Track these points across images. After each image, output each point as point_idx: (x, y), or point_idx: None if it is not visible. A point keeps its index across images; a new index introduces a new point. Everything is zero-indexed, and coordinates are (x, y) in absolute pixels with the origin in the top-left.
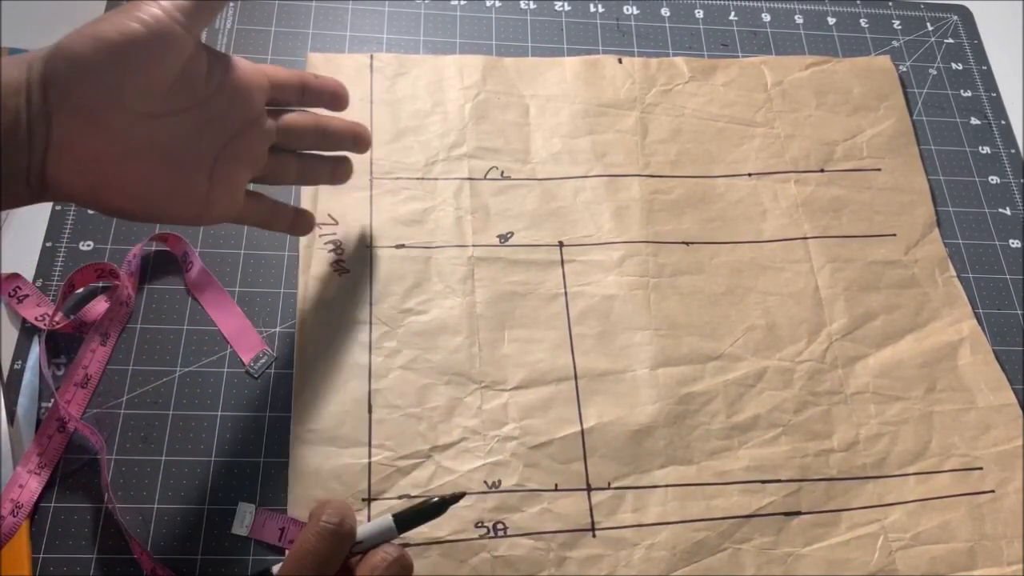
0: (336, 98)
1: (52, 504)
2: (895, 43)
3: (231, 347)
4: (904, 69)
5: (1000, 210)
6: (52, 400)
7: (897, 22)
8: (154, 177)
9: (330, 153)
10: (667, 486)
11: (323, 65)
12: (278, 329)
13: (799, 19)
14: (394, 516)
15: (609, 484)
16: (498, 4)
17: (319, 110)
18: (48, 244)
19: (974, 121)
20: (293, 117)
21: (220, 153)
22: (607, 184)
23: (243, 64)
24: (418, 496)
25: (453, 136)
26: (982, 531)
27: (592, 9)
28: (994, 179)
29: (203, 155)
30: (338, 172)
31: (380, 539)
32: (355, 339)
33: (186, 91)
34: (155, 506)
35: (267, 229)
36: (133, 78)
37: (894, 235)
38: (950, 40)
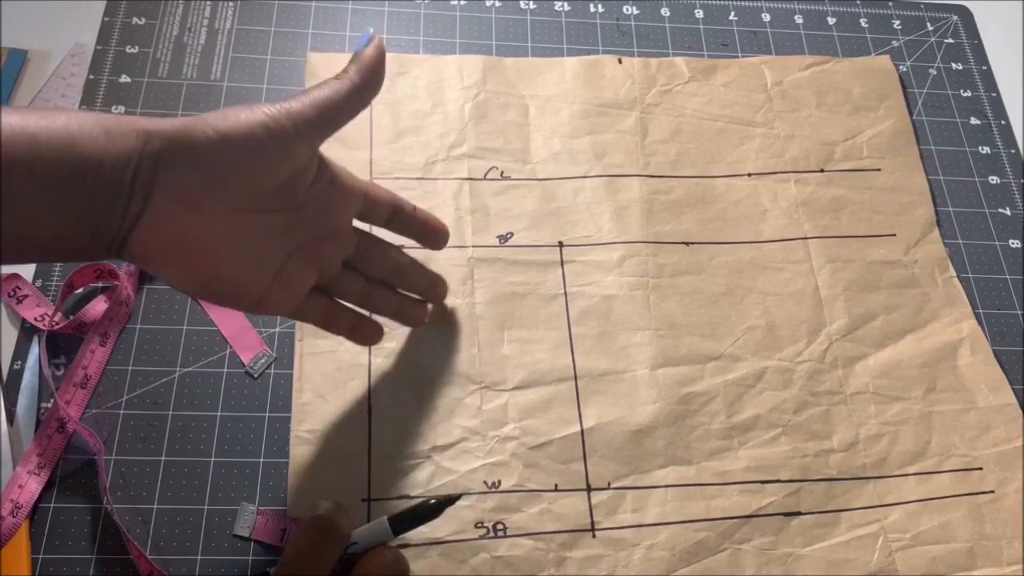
0: (430, 235)
1: (52, 504)
2: (895, 43)
3: (231, 347)
4: (904, 69)
5: (1000, 210)
6: (52, 400)
7: (897, 22)
8: (223, 267)
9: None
10: (667, 486)
11: (323, 65)
12: (278, 329)
13: (799, 19)
14: (390, 518)
15: (609, 484)
16: (498, 4)
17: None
18: None
19: (974, 121)
20: (372, 243)
21: (293, 255)
22: (607, 184)
23: (346, 177)
24: (417, 496)
25: (453, 136)
26: (982, 531)
27: (592, 9)
28: (994, 179)
29: (277, 254)
30: (406, 313)
31: (376, 541)
32: None
33: (287, 194)
34: (155, 506)
35: (325, 330)
36: (244, 178)
37: (894, 235)
38: (950, 40)
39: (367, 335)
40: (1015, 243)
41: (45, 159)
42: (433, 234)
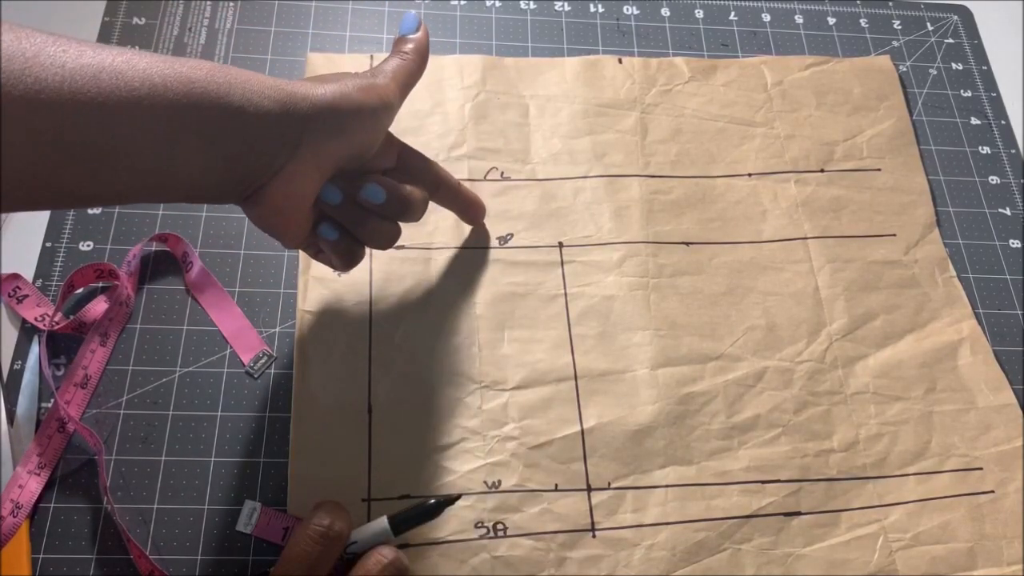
0: (471, 209)
1: (52, 504)
2: (895, 43)
3: (231, 347)
4: (904, 69)
5: (1000, 210)
6: (52, 400)
7: (897, 22)
8: (302, 215)
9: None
10: (667, 486)
11: (323, 65)
12: (278, 329)
13: (799, 19)
14: (390, 518)
15: (609, 484)
16: (498, 4)
17: None
18: (48, 244)
19: (974, 121)
20: (416, 159)
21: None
22: (607, 184)
23: (388, 137)
24: (418, 496)
25: (453, 137)
26: (982, 531)
27: (592, 9)
28: (994, 179)
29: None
30: (384, 235)
31: (375, 541)
32: (355, 339)
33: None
34: (155, 506)
35: (314, 258)
36: (363, 144)
37: (894, 235)
38: (950, 40)
39: (352, 259)
40: (1015, 243)
41: (199, 104)
42: (474, 208)
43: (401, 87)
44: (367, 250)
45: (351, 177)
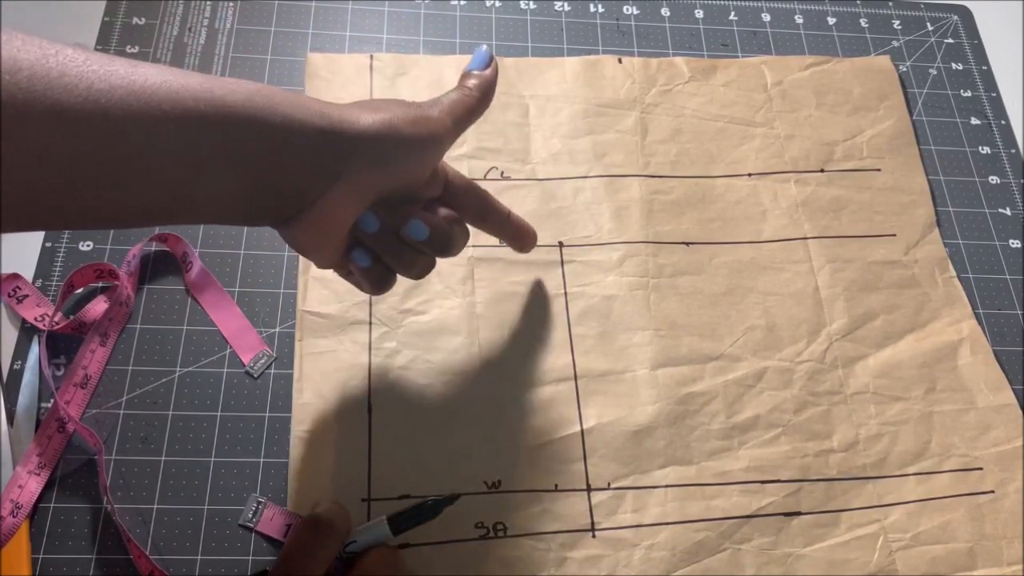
0: (521, 238)
1: (52, 504)
2: (895, 43)
3: (231, 347)
4: (904, 69)
5: (1000, 210)
6: (52, 400)
7: (897, 22)
8: (339, 239)
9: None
10: (667, 486)
11: (323, 65)
12: (278, 329)
13: (799, 19)
14: (389, 517)
15: (609, 484)
16: (498, 4)
17: None
18: (48, 244)
19: (974, 121)
20: (464, 186)
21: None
22: (607, 184)
23: (448, 168)
24: (418, 497)
25: None
26: (982, 531)
27: (592, 9)
28: (994, 179)
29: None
30: (420, 267)
31: (375, 540)
32: (355, 339)
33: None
34: (155, 506)
35: (344, 277)
36: (405, 177)
37: (894, 235)
38: (950, 40)
39: (383, 285)
40: (1015, 243)
41: (230, 130)
42: (524, 236)
43: (456, 123)
44: None
45: (393, 205)
